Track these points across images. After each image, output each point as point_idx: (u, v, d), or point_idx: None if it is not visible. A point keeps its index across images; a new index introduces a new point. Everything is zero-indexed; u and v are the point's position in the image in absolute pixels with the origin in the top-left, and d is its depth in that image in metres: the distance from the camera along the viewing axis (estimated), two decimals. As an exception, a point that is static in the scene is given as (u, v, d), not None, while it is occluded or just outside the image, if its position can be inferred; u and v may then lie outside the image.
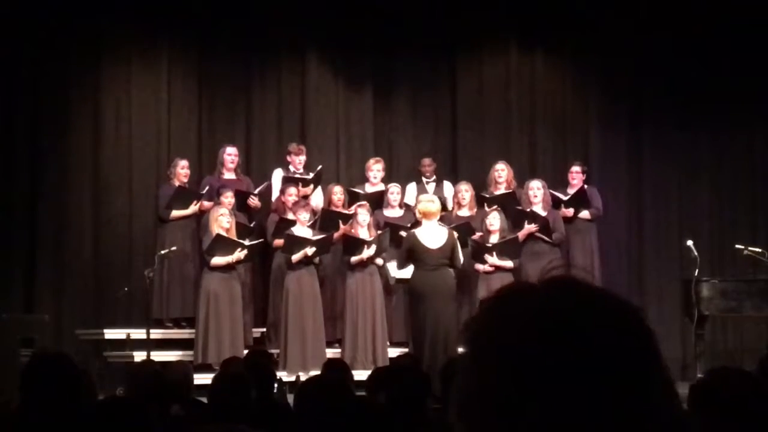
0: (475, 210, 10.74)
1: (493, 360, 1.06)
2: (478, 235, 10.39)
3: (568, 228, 10.81)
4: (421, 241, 9.13)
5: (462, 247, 9.55)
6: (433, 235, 9.16)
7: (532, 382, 1.03)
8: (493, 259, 10.19)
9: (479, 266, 10.23)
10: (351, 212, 10.42)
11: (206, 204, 10.45)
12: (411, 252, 9.16)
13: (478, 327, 1.09)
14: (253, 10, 11.47)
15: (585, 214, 10.94)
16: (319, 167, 10.86)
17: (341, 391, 3.65)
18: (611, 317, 1.07)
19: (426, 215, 9.25)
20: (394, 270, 10.27)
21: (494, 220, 10.34)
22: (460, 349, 1.14)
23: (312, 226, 10.26)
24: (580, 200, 10.91)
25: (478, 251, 10.20)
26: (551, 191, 10.86)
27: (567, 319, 1.05)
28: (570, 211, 10.84)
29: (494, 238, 10.30)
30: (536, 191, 10.67)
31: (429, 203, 9.39)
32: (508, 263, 10.23)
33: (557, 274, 1.10)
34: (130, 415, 3.02)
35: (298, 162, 10.81)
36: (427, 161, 11.31)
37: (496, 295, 1.11)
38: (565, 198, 10.89)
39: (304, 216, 10.18)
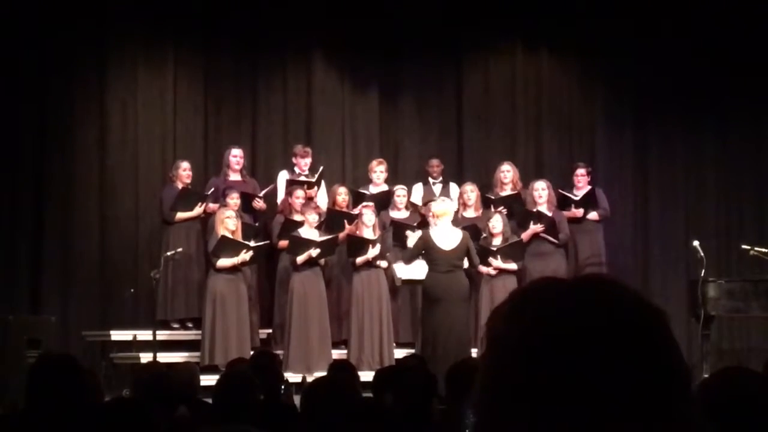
0: (481, 211, 10.73)
1: (503, 357, 1.05)
2: (481, 237, 10.40)
3: (576, 228, 10.79)
4: (434, 242, 9.14)
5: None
6: (446, 237, 9.19)
7: (539, 383, 1.01)
8: (497, 262, 10.17)
9: (483, 268, 10.22)
10: (356, 213, 10.41)
11: (212, 206, 10.45)
12: (425, 251, 9.20)
13: (496, 321, 1.08)
14: (259, 12, 11.46)
15: (593, 215, 10.92)
16: (321, 168, 10.85)
17: (347, 392, 3.65)
18: (629, 323, 1.04)
19: (439, 216, 9.27)
20: (400, 270, 10.26)
21: (496, 222, 10.33)
22: (474, 350, 1.12)
23: (319, 227, 10.25)
24: (589, 201, 10.90)
25: (482, 254, 10.19)
26: (561, 191, 10.85)
27: (579, 322, 1.02)
28: (580, 212, 10.83)
29: (497, 241, 10.29)
30: (541, 192, 10.64)
31: (444, 203, 9.42)
32: (512, 265, 10.21)
33: (589, 273, 1.07)
34: (136, 416, 3.02)
35: (303, 164, 10.80)
36: (435, 162, 11.28)
37: (522, 289, 1.10)
38: (576, 198, 10.88)
39: (312, 217, 10.16)
